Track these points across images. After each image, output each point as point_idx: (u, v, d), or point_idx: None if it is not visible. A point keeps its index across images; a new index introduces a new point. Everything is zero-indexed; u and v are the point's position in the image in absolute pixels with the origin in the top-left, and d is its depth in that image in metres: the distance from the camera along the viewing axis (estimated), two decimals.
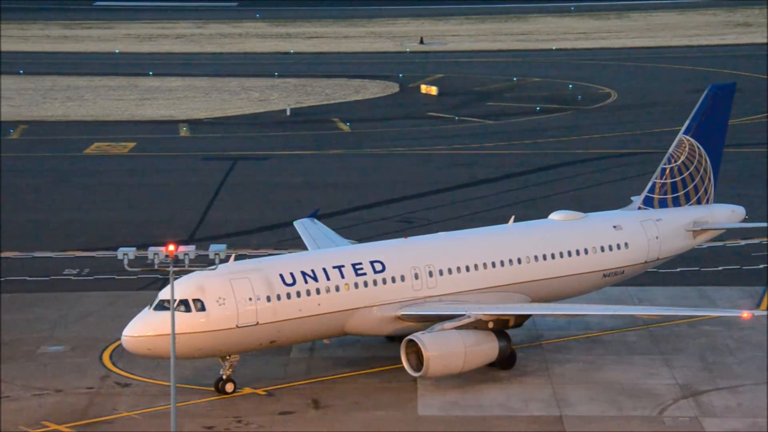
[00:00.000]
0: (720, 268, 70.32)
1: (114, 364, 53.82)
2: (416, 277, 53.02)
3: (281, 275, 50.72)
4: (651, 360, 54.42)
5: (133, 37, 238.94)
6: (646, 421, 47.58)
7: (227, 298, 49.26)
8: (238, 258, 53.83)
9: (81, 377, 52.30)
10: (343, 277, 51.68)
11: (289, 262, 53.15)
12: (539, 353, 55.52)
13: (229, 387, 50.47)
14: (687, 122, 61.32)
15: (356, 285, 51.81)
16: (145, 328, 48.93)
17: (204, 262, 45.83)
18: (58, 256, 75.05)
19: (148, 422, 47.81)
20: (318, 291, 51.16)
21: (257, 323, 49.77)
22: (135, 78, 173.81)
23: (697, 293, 65.15)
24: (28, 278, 69.91)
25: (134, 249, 43.60)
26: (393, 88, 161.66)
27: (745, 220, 63.37)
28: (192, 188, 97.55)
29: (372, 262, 52.48)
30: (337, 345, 55.76)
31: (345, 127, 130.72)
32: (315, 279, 51.19)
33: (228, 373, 50.54)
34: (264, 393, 50.80)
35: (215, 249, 45.78)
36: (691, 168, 61.20)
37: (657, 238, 59.19)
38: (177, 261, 42.63)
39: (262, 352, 53.44)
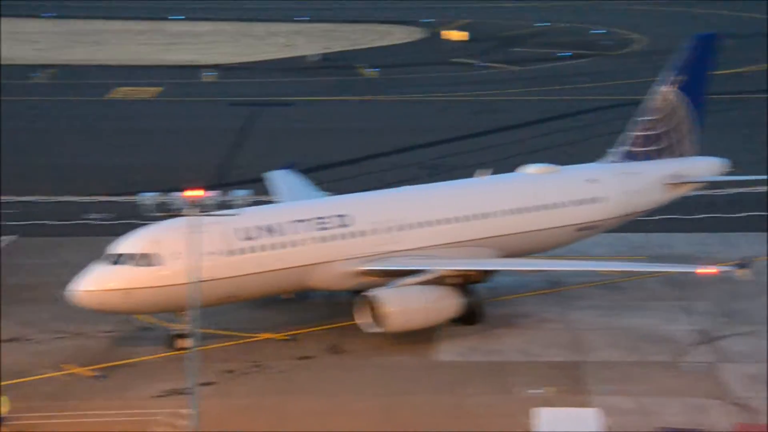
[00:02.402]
0: (743, 215, 69.80)
1: None
2: (381, 231, 51.80)
3: (241, 229, 48.93)
4: (670, 306, 54.25)
5: None
6: (663, 367, 47.51)
7: (183, 252, 46.44)
8: (260, 204, 53.59)
9: (101, 321, 52.66)
10: (305, 231, 50.22)
11: (250, 216, 50.70)
12: (558, 300, 55.45)
13: (182, 343, 48.43)
14: (667, 73, 59.78)
15: (319, 239, 50.42)
16: (96, 282, 47.49)
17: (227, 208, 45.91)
18: (81, 201, 75.45)
19: (169, 364, 48.18)
20: (279, 246, 49.55)
21: (215, 278, 48.10)
22: (162, 22, 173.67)
23: (719, 239, 64.74)
24: (49, 222, 70.31)
25: (157, 194, 43.46)
26: (420, 33, 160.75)
27: (731, 173, 62.02)
28: (218, 133, 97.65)
29: (336, 216, 51.13)
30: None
31: (371, 73, 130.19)
32: (276, 233, 49.69)
33: (181, 328, 48.55)
34: (285, 338, 51.02)
35: (238, 194, 45.71)
36: (671, 121, 59.64)
37: (633, 191, 58.05)
38: (200, 206, 42.61)
39: (283, 298, 53.62)
